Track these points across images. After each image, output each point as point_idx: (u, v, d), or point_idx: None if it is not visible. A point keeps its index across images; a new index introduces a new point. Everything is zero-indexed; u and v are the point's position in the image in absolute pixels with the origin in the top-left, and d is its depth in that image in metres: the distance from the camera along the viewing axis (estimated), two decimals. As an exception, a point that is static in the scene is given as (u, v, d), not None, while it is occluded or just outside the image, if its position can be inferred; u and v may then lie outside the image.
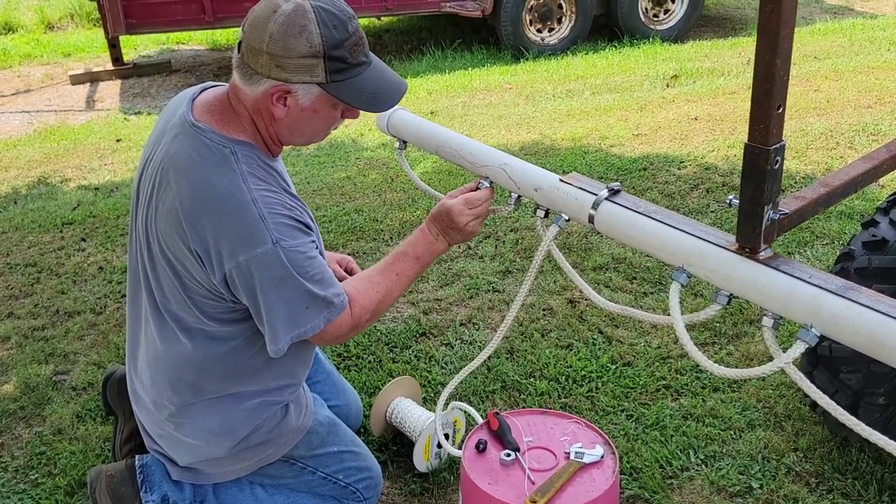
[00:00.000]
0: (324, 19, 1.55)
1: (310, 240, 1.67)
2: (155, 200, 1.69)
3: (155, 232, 1.70)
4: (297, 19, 1.54)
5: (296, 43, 1.54)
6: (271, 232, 1.59)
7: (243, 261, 1.60)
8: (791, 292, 1.29)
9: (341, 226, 3.79)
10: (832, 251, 3.24)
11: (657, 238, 1.48)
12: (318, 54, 1.56)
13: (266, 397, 1.85)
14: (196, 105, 1.71)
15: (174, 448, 1.89)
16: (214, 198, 1.60)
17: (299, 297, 1.64)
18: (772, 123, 1.25)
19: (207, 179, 1.61)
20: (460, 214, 1.79)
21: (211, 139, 1.64)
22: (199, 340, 1.76)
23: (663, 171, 4.18)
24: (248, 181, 1.61)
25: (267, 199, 1.62)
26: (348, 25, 1.59)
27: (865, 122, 4.67)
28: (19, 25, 9.66)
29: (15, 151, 5.64)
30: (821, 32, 7.63)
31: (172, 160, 1.66)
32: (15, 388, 2.72)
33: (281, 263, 1.60)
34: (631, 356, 2.72)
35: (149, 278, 1.77)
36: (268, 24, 1.54)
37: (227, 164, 1.62)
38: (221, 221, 1.59)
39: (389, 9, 7.48)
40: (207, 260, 1.63)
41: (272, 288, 1.62)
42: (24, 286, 3.42)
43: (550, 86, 6.40)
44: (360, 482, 2.01)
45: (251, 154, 1.66)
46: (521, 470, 1.80)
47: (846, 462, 2.21)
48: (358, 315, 1.76)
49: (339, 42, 1.57)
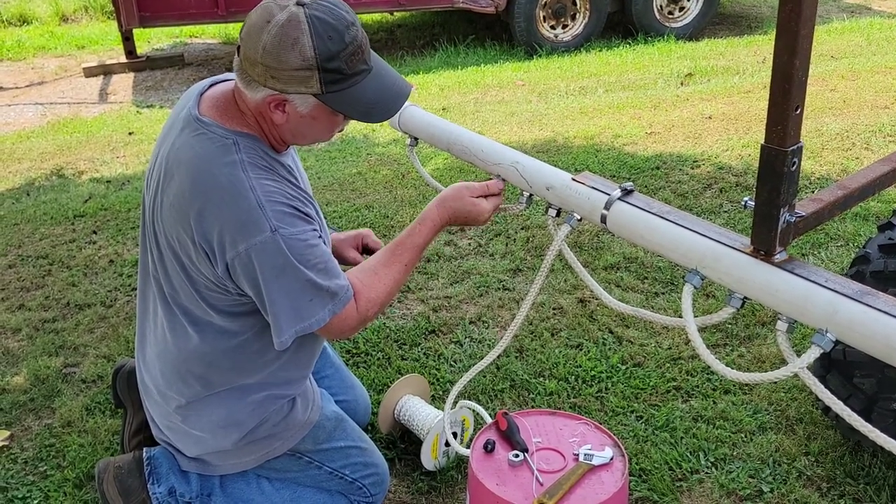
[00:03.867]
0: (318, 30, 1.52)
1: (311, 228, 1.65)
2: (160, 194, 1.69)
3: (161, 225, 1.70)
4: (289, 31, 1.51)
5: (288, 56, 1.51)
6: (269, 220, 1.58)
7: (243, 250, 1.59)
8: (806, 296, 1.27)
9: (351, 221, 3.78)
10: (847, 253, 3.21)
11: (670, 239, 1.46)
12: (312, 67, 1.53)
13: (273, 391, 1.85)
14: (203, 100, 1.71)
15: (182, 439, 1.90)
16: (214, 187, 1.60)
17: (301, 287, 1.62)
18: (789, 125, 1.23)
19: (208, 170, 1.61)
20: (473, 200, 1.80)
21: (214, 132, 1.64)
22: (207, 333, 1.76)
23: (676, 170, 4.16)
24: (248, 170, 1.61)
25: (266, 186, 1.61)
26: (345, 35, 1.55)
27: (882, 122, 4.62)
28: (34, 17, 9.70)
29: (28, 143, 5.67)
30: (838, 31, 7.56)
31: (176, 154, 1.66)
32: (25, 380, 2.73)
33: (280, 251, 1.59)
34: (641, 357, 2.70)
35: (157, 271, 1.78)
36: (262, 34, 1.52)
37: (227, 153, 1.62)
38: (220, 210, 1.59)
39: (402, 4, 7.47)
40: (210, 251, 1.63)
41: (273, 278, 1.61)
42: (35, 278, 3.43)
43: (563, 83, 6.37)
44: (367, 478, 2.01)
45: (254, 145, 1.66)
46: (529, 471, 1.79)
47: (858, 467, 2.18)
48: (364, 308, 1.74)
49: (334, 54, 1.53)
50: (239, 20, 7.39)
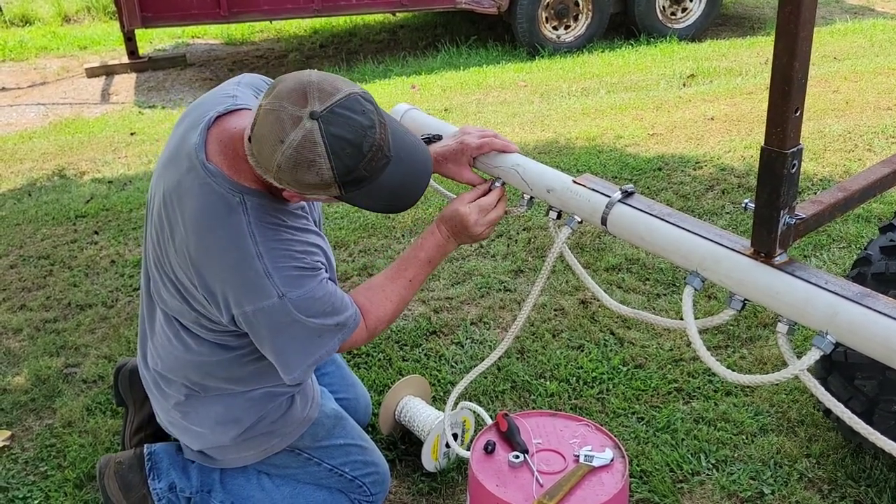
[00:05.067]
0: (335, 150, 1.42)
1: (318, 280, 1.62)
2: (168, 228, 1.65)
3: (166, 257, 1.68)
4: (305, 153, 1.41)
5: (305, 176, 1.44)
6: (277, 287, 1.56)
7: (250, 311, 1.59)
8: (807, 298, 1.27)
9: (353, 222, 3.78)
10: (849, 255, 3.20)
11: (671, 242, 1.46)
12: (331, 184, 1.46)
13: (272, 389, 1.87)
14: (210, 139, 1.62)
15: (182, 434, 1.93)
16: (219, 250, 1.57)
17: (310, 332, 1.63)
18: (789, 127, 1.23)
19: (212, 230, 1.57)
20: (475, 225, 1.75)
21: (220, 185, 1.57)
22: (205, 346, 1.77)
23: (678, 171, 4.15)
24: (256, 233, 1.56)
25: (273, 252, 1.57)
26: (363, 145, 1.44)
27: (885, 124, 4.61)
28: (36, 18, 9.72)
29: (30, 144, 5.67)
30: (840, 33, 7.55)
31: (180, 198, 1.61)
32: (26, 380, 2.73)
33: (288, 313, 1.59)
34: (643, 358, 2.69)
35: (155, 293, 1.78)
36: (275, 153, 1.43)
37: (233, 214, 1.56)
38: (226, 273, 1.57)
39: (404, 4, 7.47)
40: (214, 303, 1.63)
41: (280, 332, 1.61)
42: (36, 278, 3.43)
43: (566, 84, 6.36)
44: (367, 476, 2.01)
45: (261, 202, 1.60)
46: (529, 472, 1.79)
47: (860, 469, 2.18)
48: (373, 326, 1.76)
49: (352, 168, 1.45)
50: (241, 21, 7.42)
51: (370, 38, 8.65)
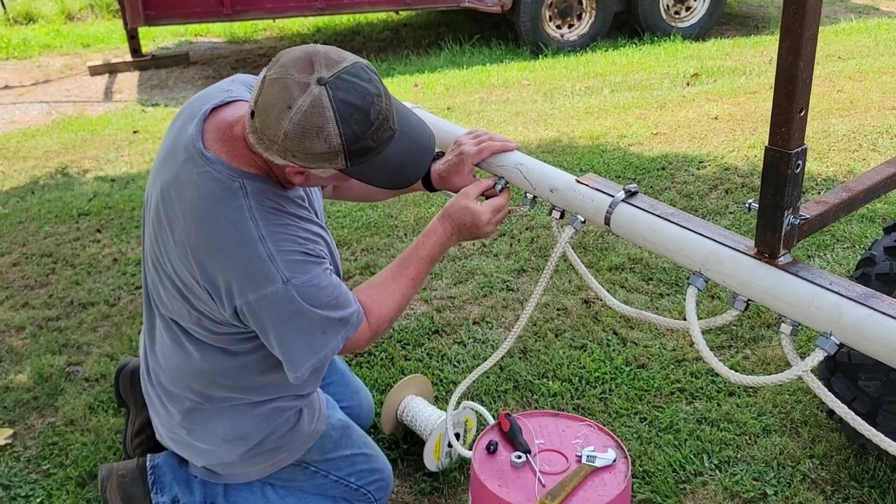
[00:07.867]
0: (343, 115, 1.41)
1: (322, 269, 1.61)
2: (167, 223, 1.63)
3: (165, 255, 1.65)
4: (314, 119, 1.40)
5: (313, 143, 1.42)
6: (281, 271, 1.54)
7: (253, 299, 1.55)
8: (811, 299, 1.26)
9: (355, 221, 3.78)
10: (853, 255, 3.19)
11: (674, 242, 1.46)
12: (338, 152, 1.45)
13: (279, 403, 1.83)
14: (207, 129, 1.61)
15: (186, 451, 1.89)
16: (220, 235, 1.54)
17: (313, 325, 1.61)
18: (793, 127, 1.22)
19: (213, 217, 1.54)
20: (488, 224, 1.74)
21: (219, 171, 1.55)
22: (207, 353, 1.74)
23: (682, 170, 4.14)
24: (257, 216, 1.54)
25: (276, 235, 1.55)
26: (370, 112, 1.44)
27: (889, 123, 4.59)
28: (40, 16, 9.74)
29: (33, 142, 5.68)
30: (845, 32, 7.53)
31: (179, 189, 1.59)
32: (29, 378, 2.73)
33: (292, 300, 1.56)
34: (645, 358, 2.69)
35: (154, 294, 1.76)
36: (282, 120, 1.41)
37: (234, 199, 1.54)
38: (228, 260, 1.54)
39: (408, 3, 7.47)
40: (217, 296, 1.59)
41: (285, 322, 1.59)
42: (39, 276, 3.44)
43: (569, 83, 6.36)
44: (372, 484, 2.00)
45: (262, 187, 1.58)
46: (531, 472, 1.79)
47: (863, 470, 2.17)
48: (376, 325, 1.74)
49: (360, 135, 1.44)
50: (244, 19, 7.42)
51: (373, 37, 8.64)
